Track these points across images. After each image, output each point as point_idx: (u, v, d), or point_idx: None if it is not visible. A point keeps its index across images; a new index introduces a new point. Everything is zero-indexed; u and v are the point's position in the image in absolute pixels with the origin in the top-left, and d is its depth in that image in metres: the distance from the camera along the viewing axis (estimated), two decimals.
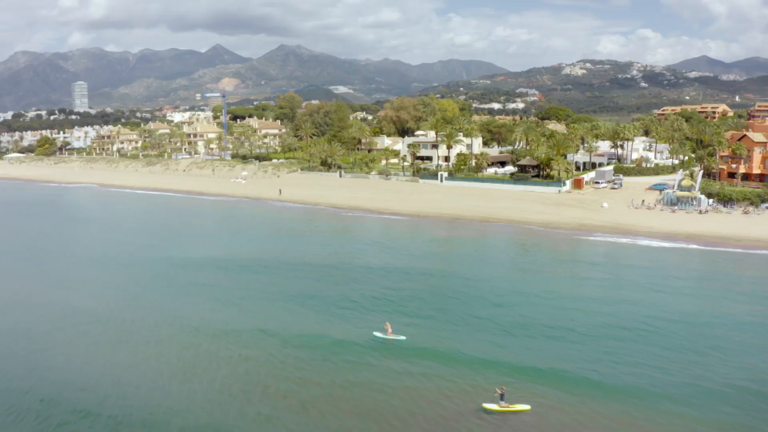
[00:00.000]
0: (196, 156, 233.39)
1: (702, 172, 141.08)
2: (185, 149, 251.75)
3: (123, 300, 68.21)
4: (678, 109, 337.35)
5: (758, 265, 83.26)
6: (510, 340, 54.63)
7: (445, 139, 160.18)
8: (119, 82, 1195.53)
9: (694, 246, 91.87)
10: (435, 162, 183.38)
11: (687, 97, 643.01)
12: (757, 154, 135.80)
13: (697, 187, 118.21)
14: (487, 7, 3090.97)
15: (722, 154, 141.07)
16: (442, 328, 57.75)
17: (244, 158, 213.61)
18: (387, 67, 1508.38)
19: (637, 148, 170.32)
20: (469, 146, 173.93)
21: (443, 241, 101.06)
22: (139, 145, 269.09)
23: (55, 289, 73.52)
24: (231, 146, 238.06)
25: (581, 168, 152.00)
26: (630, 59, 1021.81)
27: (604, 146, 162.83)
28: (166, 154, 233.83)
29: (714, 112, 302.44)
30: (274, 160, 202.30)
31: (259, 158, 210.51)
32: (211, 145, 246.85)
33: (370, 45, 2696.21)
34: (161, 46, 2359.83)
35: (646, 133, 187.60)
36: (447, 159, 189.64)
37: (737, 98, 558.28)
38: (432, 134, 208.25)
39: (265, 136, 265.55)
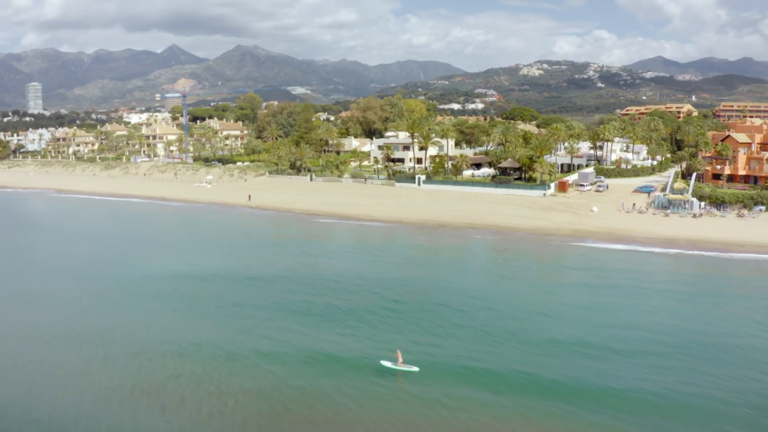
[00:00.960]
0: (156, 159, 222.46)
1: (682, 173, 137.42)
2: (144, 151, 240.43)
3: (79, 317, 60.85)
4: (642, 108, 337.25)
5: None
6: (549, 372, 48.20)
7: (422, 140, 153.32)
8: (74, 83, 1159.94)
9: (697, 253, 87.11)
10: (407, 164, 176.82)
11: (644, 97, 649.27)
12: (742, 155, 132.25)
13: (690, 189, 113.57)
14: (444, 8, 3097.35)
15: (705, 155, 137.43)
16: (458, 356, 50.90)
17: (207, 161, 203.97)
18: (345, 67, 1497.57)
19: (614, 149, 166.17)
20: (442, 148, 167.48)
21: (434, 250, 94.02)
22: (96, 147, 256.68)
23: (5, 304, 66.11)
24: (192, 148, 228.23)
25: (560, 170, 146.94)
26: (586, 60, 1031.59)
27: (584, 147, 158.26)
28: (124, 156, 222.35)
29: (679, 112, 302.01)
30: (239, 163, 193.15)
31: (223, 161, 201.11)
32: (171, 147, 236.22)
33: (328, 45, 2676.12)
34: (116, 47, 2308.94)
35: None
36: (419, 161, 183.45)
37: (693, 98, 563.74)
38: (403, 135, 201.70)
39: (226, 138, 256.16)
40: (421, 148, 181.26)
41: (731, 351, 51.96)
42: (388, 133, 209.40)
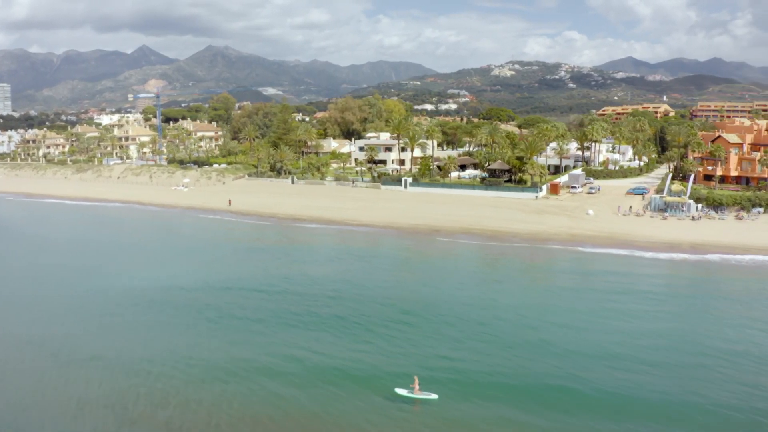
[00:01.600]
0: (129, 161, 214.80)
1: (672, 174, 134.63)
2: (116, 154, 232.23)
3: (59, 337, 54.96)
4: (619, 109, 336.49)
5: None
6: (583, 385, 44.16)
7: (408, 141, 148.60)
8: (43, 84, 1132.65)
9: (703, 257, 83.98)
10: (389, 166, 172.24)
11: (615, 98, 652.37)
12: (733, 156, 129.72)
13: (689, 192, 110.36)
14: (416, 9, 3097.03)
15: (696, 155, 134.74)
16: (480, 373, 46.49)
17: (182, 163, 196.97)
18: (316, 68, 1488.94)
19: (600, 149, 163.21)
20: (425, 149, 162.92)
21: (433, 257, 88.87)
22: (67, 149, 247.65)
23: None
24: (165, 150, 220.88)
25: (549, 171, 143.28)
26: (557, 60, 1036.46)
27: (571, 148, 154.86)
28: (96, 159, 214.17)
29: (656, 112, 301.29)
30: (216, 165, 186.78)
31: (198, 163, 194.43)
32: (145, 149, 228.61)
33: (299, 46, 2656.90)
34: (86, 47, 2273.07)
35: None
36: (402, 162, 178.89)
37: (665, 98, 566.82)
38: (384, 136, 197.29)
39: (200, 139, 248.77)
40: (403, 149, 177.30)
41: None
42: (369, 134, 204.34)
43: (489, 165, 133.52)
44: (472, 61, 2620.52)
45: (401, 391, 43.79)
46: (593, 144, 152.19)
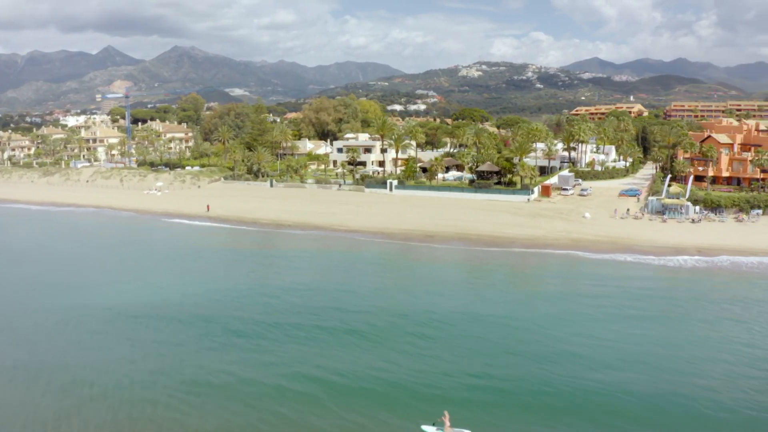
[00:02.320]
0: (97, 164, 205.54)
1: (661, 175, 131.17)
2: (84, 156, 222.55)
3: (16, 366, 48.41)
4: (592, 109, 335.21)
5: None
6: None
7: (393, 142, 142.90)
8: (7, 86, 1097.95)
9: (712, 262, 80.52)
10: (369, 167, 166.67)
11: (583, 98, 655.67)
12: (724, 156, 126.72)
13: (687, 194, 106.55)
14: (383, 10, 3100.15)
15: (686, 156, 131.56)
16: (513, 411, 41.03)
17: (153, 165, 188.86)
18: (283, 69, 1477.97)
19: (585, 150, 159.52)
20: (405, 150, 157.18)
21: (435, 267, 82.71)
22: (33, 152, 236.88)
23: None
24: (134, 152, 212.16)
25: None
26: (524, 61, 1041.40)
27: (557, 149, 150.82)
28: (63, 161, 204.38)
29: (630, 112, 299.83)
30: (189, 168, 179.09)
31: (170, 165, 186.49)
32: (113, 151, 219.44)
33: (266, 46, 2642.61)
34: (51, 48, 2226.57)
35: None
36: (381, 164, 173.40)
37: (631, 98, 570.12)
38: (363, 137, 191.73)
39: (170, 141, 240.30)
40: (383, 150, 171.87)
41: None
42: (348, 135, 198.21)
43: (478, 167, 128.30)
44: (439, 62, 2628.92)
45: (429, 429, 38.35)
46: (579, 144, 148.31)
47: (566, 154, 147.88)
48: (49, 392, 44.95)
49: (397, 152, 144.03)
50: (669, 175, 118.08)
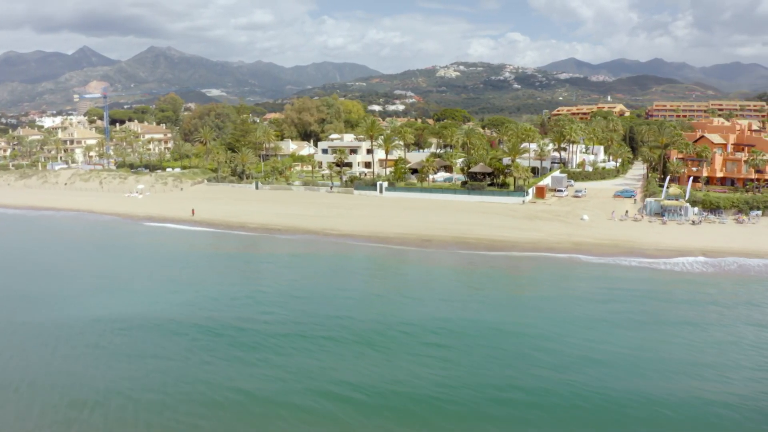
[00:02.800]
0: (75, 165, 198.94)
1: (654, 175, 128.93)
2: (61, 158, 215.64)
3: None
4: (574, 109, 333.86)
5: None
6: None
7: (382, 143, 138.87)
8: None
9: (721, 265, 77.86)
10: (355, 168, 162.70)
11: (560, 98, 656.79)
12: (718, 157, 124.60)
13: (687, 195, 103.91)
14: (360, 10, 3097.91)
15: (679, 156, 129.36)
16: None
17: (132, 167, 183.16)
18: (260, 69, 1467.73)
19: (575, 150, 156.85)
20: (390, 151, 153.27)
21: (437, 274, 78.84)
22: (8, 153, 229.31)
23: None
24: (113, 153, 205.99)
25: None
26: (502, 62, 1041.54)
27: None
28: (40, 163, 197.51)
29: (612, 112, 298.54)
30: (170, 170, 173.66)
31: (149, 167, 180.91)
32: (91, 153, 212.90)
33: (243, 47, 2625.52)
34: (26, 48, 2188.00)
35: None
36: (368, 165, 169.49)
37: (609, 98, 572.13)
38: (348, 137, 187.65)
39: (149, 142, 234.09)
40: (369, 151, 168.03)
41: None
42: (333, 136, 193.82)
43: (470, 168, 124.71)
44: (416, 62, 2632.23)
45: None
46: (569, 145, 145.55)
47: (557, 154, 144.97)
48: (46, 416, 40.68)
49: (386, 153, 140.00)
50: (669, 176, 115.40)
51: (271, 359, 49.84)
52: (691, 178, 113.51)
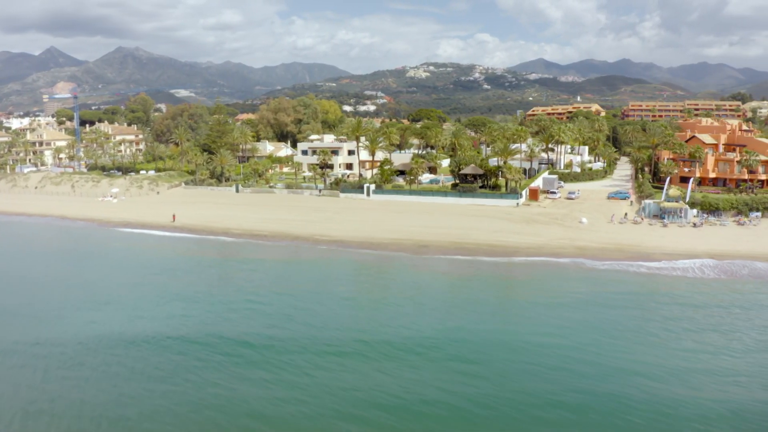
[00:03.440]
0: (45, 168, 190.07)
1: (643, 176, 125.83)
2: (30, 160, 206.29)
3: None
4: (549, 109, 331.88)
5: None
6: None
7: (369, 144, 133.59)
8: None
9: (732, 270, 74.09)
10: (336, 170, 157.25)
11: (530, 98, 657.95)
12: (710, 157, 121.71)
13: (688, 197, 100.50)
14: (330, 11, 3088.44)
15: (670, 156, 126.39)
16: None
17: (105, 170, 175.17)
18: (229, 70, 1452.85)
19: (562, 151, 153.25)
20: (374, 152, 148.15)
21: (445, 282, 73.65)
22: None
23: None
24: (83, 155, 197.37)
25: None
26: (471, 62, 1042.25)
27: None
28: (8, 166, 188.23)
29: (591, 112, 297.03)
30: (144, 172, 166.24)
31: (122, 169, 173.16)
32: (61, 155, 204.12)
33: (211, 47, 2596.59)
34: None
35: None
36: (349, 166, 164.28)
37: (578, 98, 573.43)
38: (329, 138, 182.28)
39: (120, 143, 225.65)
40: (351, 153, 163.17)
41: None
42: (313, 137, 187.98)
43: (461, 169, 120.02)
44: (386, 63, 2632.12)
45: None
46: (557, 146, 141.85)
47: (544, 155, 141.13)
48: None
49: (373, 154, 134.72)
50: (669, 178, 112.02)
51: (286, 378, 44.90)
52: (691, 180, 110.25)
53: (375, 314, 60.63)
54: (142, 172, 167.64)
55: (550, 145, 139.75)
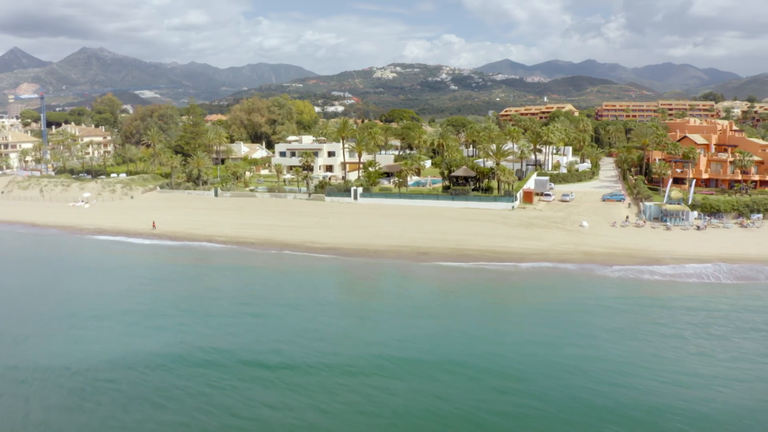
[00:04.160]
0: (11, 172, 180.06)
1: (633, 177, 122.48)
2: None
3: None
4: (522, 109, 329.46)
5: None
6: None
7: (355, 146, 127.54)
8: None
9: (747, 274, 71.25)
10: (317, 172, 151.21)
11: (497, 99, 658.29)
12: (702, 158, 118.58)
13: (690, 199, 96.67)
14: (296, 11, 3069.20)
15: (661, 157, 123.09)
16: None
17: (74, 173, 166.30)
18: (194, 70, 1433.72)
19: (550, 152, 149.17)
20: (355, 153, 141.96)
21: (458, 295, 68.43)
22: None
23: None
24: (50, 157, 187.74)
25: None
26: (438, 63, 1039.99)
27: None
28: None
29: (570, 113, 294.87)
30: (114, 175, 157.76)
31: (92, 173, 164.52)
32: (27, 158, 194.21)
33: (176, 48, 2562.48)
34: None
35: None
36: (330, 168, 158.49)
37: (545, 98, 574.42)
38: (308, 139, 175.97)
39: (88, 145, 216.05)
40: (330, 154, 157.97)
41: None
42: (291, 138, 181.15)
43: (452, 171, 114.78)
44: (352, 64, 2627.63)
45: None
46: (544, 146, 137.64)
47: (533, 156, 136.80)
48: None
49: (359, 156, 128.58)
50: (671, 180, 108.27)
51: (306, 402, 39.10)
52: (694, 181, 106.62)
53: (396, 331, 54.82)
54: (113, 175, 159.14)
55: (537, 146, 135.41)
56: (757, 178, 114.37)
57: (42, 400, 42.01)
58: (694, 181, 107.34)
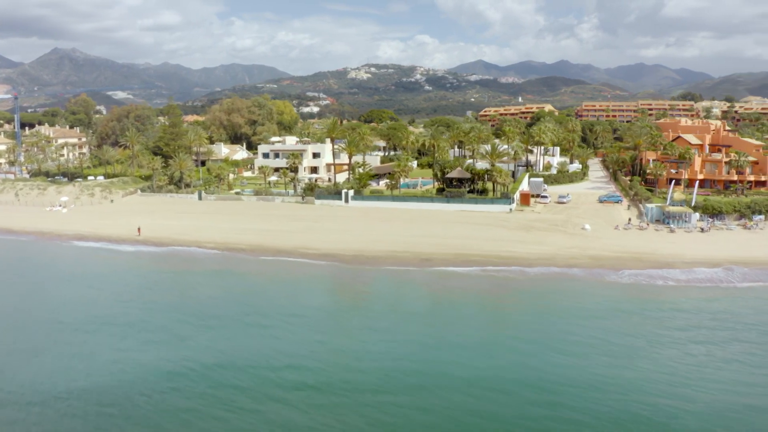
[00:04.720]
0: None
1: (635, 178, 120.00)
2: None
3: None
4: (501, 110, 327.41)
5: None
6: None
7: (346, 147, 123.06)
8: None
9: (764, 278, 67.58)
10: (301, 174, 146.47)
11: (472, 99, 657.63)
12: (697, 158, 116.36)
13: (694, 200, 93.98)
14: (269, 12, 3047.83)
15: (655, 158, 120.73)
16: None
17: (49, 176, 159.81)
18: (167, 71, 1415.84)
19: (541, 153, 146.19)
20: (339, 154, 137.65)
21: (475, 305, 63.72)
22: None
23: None
24: (23, 159, 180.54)
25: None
26: (412, 63, 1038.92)
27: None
28: None
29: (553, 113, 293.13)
30: (92, 178, 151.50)
31: (68, 175, 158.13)
32: (1, 160, 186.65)
33: (149, 48, 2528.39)
34: None
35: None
36: (314, 170, 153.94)
37: (519, 99, 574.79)
38: (291, 140, 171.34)
39: (62, 147, 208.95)
40: (315, 155, 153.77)
41: None
42: (274, 139, 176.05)
43: (446, 173, 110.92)
44: (326, 64, 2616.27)
45: None
46: (535, 147, 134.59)
47: (523, 157, 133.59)
48: None
49: (350, 157, 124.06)
50: (673, 181, 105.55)
51: (330, 423, 34.62)
52: (697, 183, 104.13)
53: (419, 346, 50.58)
54: (90, 178, 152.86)
55: (529, 147, 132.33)
56: (752, 178, 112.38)
57: (26, 426, 37.15)
58: (698, 182, 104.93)
